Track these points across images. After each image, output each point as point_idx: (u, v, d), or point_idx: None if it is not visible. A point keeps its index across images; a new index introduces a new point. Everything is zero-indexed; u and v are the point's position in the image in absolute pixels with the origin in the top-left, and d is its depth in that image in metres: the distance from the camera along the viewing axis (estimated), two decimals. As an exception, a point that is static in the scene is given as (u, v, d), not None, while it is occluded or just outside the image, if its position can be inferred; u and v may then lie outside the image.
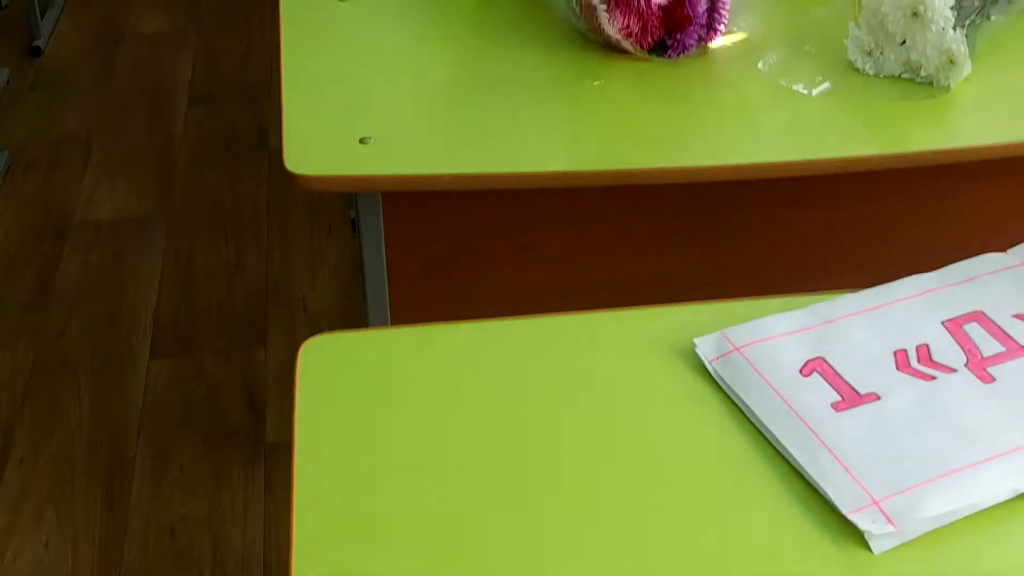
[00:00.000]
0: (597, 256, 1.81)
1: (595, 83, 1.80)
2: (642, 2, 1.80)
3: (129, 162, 3.39)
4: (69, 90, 3.77)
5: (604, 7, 1.81)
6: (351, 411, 1.16)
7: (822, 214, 1.84)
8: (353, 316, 2.73)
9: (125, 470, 2.40)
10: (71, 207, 3.18)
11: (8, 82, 3.78)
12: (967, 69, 1.78)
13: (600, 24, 1.83)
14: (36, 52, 3.96)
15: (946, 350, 1.20)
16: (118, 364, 2.66)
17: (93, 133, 3.52)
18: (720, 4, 1.88)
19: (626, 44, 1.84)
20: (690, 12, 1.82)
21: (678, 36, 1.84)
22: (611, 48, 1.86)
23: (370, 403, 1.17)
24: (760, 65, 1.85)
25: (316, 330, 2.72)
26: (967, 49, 1.77)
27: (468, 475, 1.10)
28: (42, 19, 4.03)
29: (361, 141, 1.63)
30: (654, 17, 1.82)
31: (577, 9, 1.87)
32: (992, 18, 1.91)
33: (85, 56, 3.98)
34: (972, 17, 1.85)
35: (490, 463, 1.11)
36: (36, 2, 3.96)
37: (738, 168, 1.65)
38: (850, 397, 1.14)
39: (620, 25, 1.82)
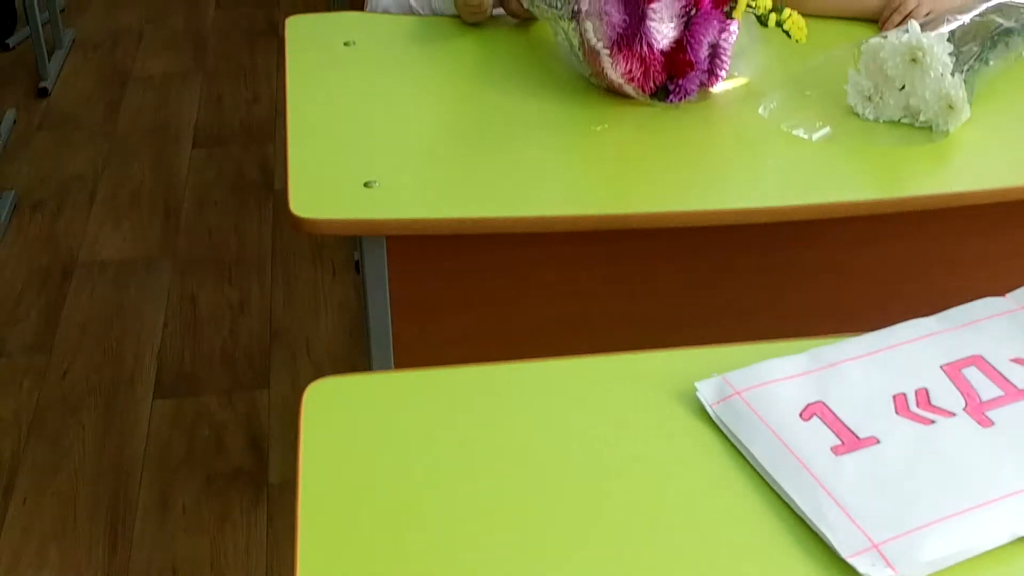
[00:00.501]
0: (599, 299, 1.82)
1: (598, 128, 1.82)
2: (644, 47, 1.82)
3: (134, 203, 3.40)
4: (75, 131, 3.79)
5: (607, 52, 1.83)
6: (354, 454, 1.17)
7: (822, 258, 1.85)
8: (356, 358, 2.73)
9: (128, 510, 2.40)
10: (76, 247, 3.20)
11: (15, 123, 3.80)
12: (966, 114, 1.80)
13: (603, 69, 1.85)
14: (43, 93, 3.98)
15: (945, 394, 1.21)
16: (122, 404, 2.66)
17: (99, 174, 3.54)
18: (721, 50, 1.90)
19: (629, 89, 1.86)
20: (692, 57, 1.84)
21: (680, 81, 1.85)
22: (614, 93, 1.88)
23: (373, 446, 1.18)
24: (761, 110, 1.86)
25: (319, 372, 2.73)
26: (966, 94, 1.79)
27: (470, 517, 1.10)
28: (49, 60, 4.06)
29: (366, 185, 1.64)
30: (656, 62, 1.84)
31: (580, 54, 1.89)
32: (990, 63, 1.92)
33: (91, 97, 4.00)
34: (971, 63, 1.87)
35: (492, 505, 1.12)
36: (43, 43, 3.99)
37: (739, 212, 1.67)
38: (850, 441, 1.15)
39: (623, 70, 1.84)
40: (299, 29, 2.14)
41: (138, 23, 4.54)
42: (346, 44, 2.07)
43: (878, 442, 1.15)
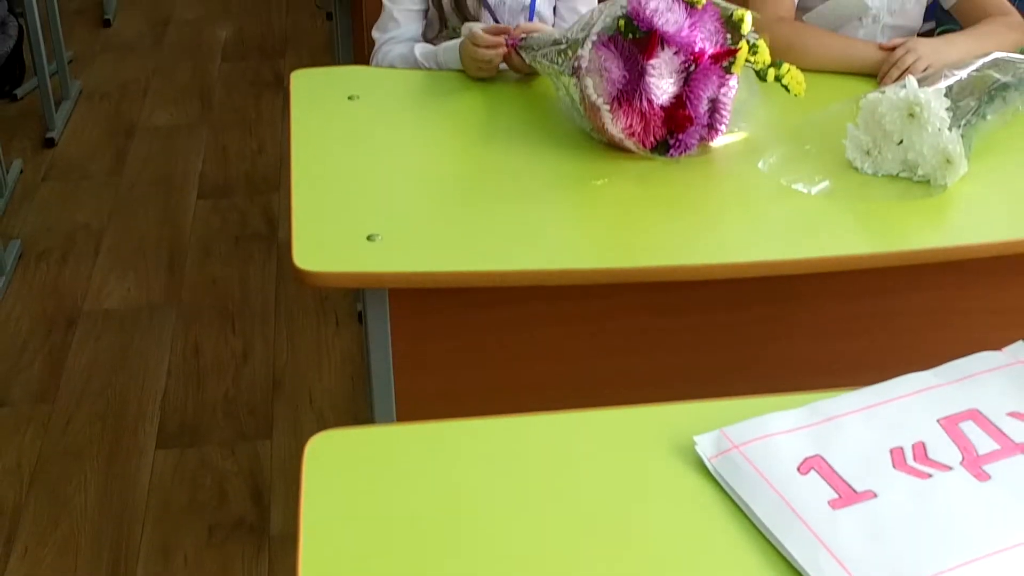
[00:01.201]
0: (599, 353, 1.82)
1: (598, 182, 1.84)
2: (644, 103, 1.84)
3: (139, 253, 3.42)
4: (81, 181, 3.82)
5: (608, 107, 1.85)
6: (356, 506, 1.17)
7: (821, 312, 1.86)
8: (359, 409, 2.74)
9: (129, 560, 2.39)
10: (81, 297, 3.21)
11: (22, 172, 3.82)
12: (963, 168, 1.81)
13: (604, 124, 1.87)
14: (50, 143, 4.01)
15: (942, 448, 1.22)
16: (124, 454, 2.66)
17: (104, 224, 3.56)
18: (721, 105, 1.91)
19: (629, 143, 1.87)
20: (691, 112, 1.86)
21: (680, 136, 1.87)
22: (614, 147, 1.90)
23: (375, 499, 1.18)
24: (760, 164, 1.88)
25: (322, 422, 2.74)
26: (963, 149, 1.81)
27: (471, 570, 1.11)
28: (56, 111, 4.10)
29: (369, 238, 1.66)
30: (656, 117, 1.86)
31: (581, 109, 1.91)
32: (988, 118, 1.94)
33: (98, 148, 4.03)
34: (968, 117, 1.89)
35: (493, 557, 1.12)
36: (51, 94, 4.02)
37: (739, 266, 1.68)
38: (847, 495, 1.16)
39: (623, 125, 1.86)
40: (304, 83, 2.16)
41: (145, 75, 4.58)
42: (350, 98, 2.09)
43: (875, 496, 1.16)
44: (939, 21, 2.86)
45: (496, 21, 2.34)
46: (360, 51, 2.85)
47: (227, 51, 4.83)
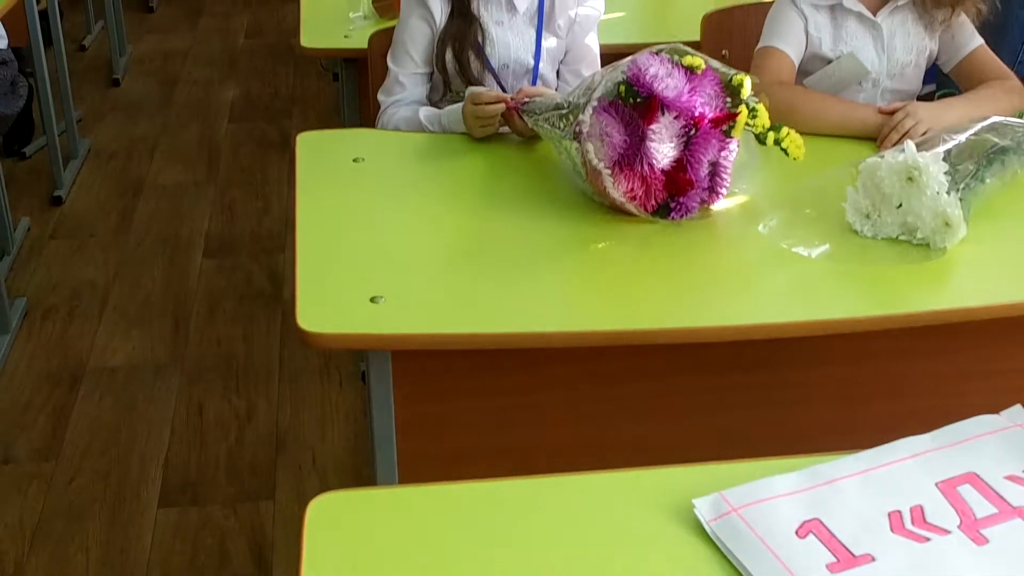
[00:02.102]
0: (599, 415, 1.83)
1: (600, 245, 1.85)
2: (645, 167, 1.86)
3: (144, 311, 3.44)
4: (88, 239, 3.85)
5: (609, 171, 1.87)
6: (357, 569, 1.17)
7: (821, 375, 1.87)
8: (362, 468, 2.74)
9: (130, 620, 2.40)
10: (86, 354, 3.22)
11: (29, 230, 3.85)
12: (962, 231, 1.82)
13: (605, 188, 1.88)
14: (57, 202, 4.05)
15: (940, 511, 1.22)
16: (127, 512, 2.66)
17: (110, 282, 3.58)
18: (721, 168, 1.93)
19: (630, 207, 1.89)
20: (692, 176, 1.87)
21: (681, 199, 1.89)
22: (616, 210, 1.91)
23: (376, 561, 1.18)
24: (761, 228, 1.89)
25: (324, 482, 2.74)
26: (962, 212, 1.82)
27: (470, 633, 1.11)
28: (64, 169, 4.13)
29: (372, 300, 1.67)
30: (657, 181, 1.87)
31: (583, 173, 1.92)
32: (987, 181, 1.95)
33: (105, 206, 4.07)
34: (967, 181, 1.90)
35: (492, 621, 1.13)
36: (59, 153, 4.06)
37: (739, 329, 1.68)
38: (845, 559, 1.16)
39: (624, 188, 1.87)
40: (310, 145, 2.19)
41: (153, 134, 4.62)
42: (355, 160, 2.11)
43: (873, 560, 1.16)
44: (939, 84, 2.89)
45: (500, 84, 2.36)
46: (366, 112, 2.88)
47: (234, 112, 4.88)
